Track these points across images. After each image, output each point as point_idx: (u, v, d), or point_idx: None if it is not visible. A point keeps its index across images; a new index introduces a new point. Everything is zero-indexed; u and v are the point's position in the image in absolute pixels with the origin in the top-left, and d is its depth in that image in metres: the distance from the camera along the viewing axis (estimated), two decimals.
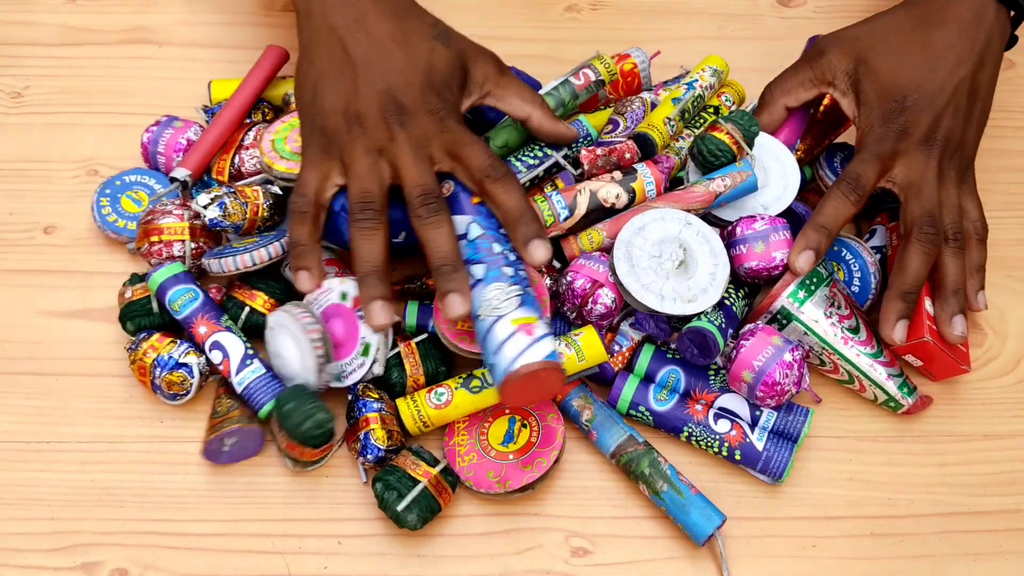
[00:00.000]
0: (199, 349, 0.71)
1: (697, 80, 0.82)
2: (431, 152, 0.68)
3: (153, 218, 0.74)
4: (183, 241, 0.74)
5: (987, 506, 0.72)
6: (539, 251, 0.67)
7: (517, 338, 0.63)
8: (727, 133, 0.74)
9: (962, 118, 0.74)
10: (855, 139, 0.76)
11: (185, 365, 0.70)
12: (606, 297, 0.70)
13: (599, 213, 0.73)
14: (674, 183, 0.78)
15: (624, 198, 0.73)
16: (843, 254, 0.77)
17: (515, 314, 0.64)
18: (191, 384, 0.70)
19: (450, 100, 0.70)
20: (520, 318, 0.64)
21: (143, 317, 0.73)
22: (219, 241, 0.77)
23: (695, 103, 0.81)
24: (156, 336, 0.71)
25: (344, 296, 0.71)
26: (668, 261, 0.71)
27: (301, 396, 0.66)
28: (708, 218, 0.76)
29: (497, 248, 0.67)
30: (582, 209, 0.73)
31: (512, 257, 0.67)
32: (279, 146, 0.74)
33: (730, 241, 0.73)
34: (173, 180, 0.78)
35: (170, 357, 0.70)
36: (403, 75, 0.68)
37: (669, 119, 0.79)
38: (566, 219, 0.73)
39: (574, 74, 0.80)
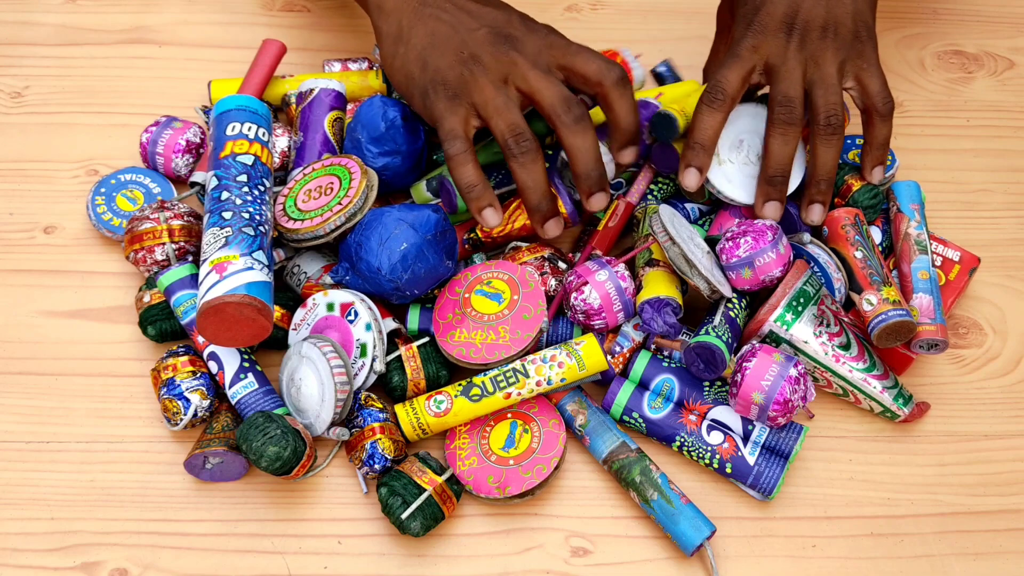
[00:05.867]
0: (209, 390, 0.70)
1: None
2: (550, 68, 0.71)
3: (133, 226, 0.74)
4: (163, 244, 0.74)
5: (987, 506, 0.72)
6: (627, 156, 0.73)
7: (209, 278, 0.66)
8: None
9: (823, 2, 0.73)
10: None
11: (186, 399, 0.69)
12: (590, 295, 0.70)
13: None
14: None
15: None
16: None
17: (216, 255, 0.67)
18: (181, 419, 0.69)
19: (543, 24, 0.74)
20: (217, 258, 0.66)
21: (163, 321, 0.73)
22: (199, 239, 0.75)
23: None
24: (186, 358, 0.71)
25: (331, 307, 0.71)
26: (752, 151, 0.76)
27: (255, 429, 0.65)
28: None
29: (225, 195, 0.69)
30: None
31: (240, 201, 0.69)
32: (288, 205, 0.74)
33: (721, 265, 0.73)
34: (193, 184, 0.78)
35: (178, 385, 0.69)
36: (498, 15, 0.73)
37: None
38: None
39: None
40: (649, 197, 0.79)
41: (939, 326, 0.72)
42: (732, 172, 0.75)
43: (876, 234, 0.78)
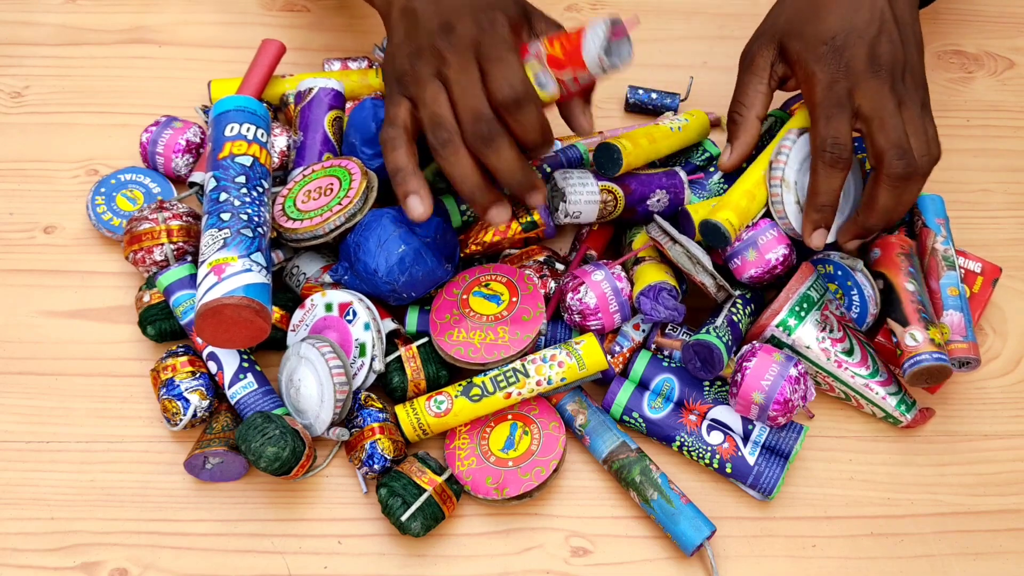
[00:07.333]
0: (208, 391, 0.70)
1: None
2: (478, 69, 0.68)
3: (132, 227, 0.74)
4: (161, 245, 0.74)
5: (987, 506, 0.72)
6: (499, 215, 0.69)
7: (207, 279, 0.66)
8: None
9: (899, 42, 0.72)
10: (805, 102, 0.73)
11: (185, 400, 0.69)
12: (586, 295, 0.70)
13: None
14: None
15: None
16: (840, 275, 0.75)
17: (214, 257, 0.67)
18: (181, 419, 0.69)
19: (503, 20, 0.68)
20: (215, 260, 0.67)
21: (163, 321, 0.73)
22: (198, 239, 0.75)
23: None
24: (185, 358, 0.71)
25: (329, 307, 0.71)
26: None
27: (253, 429, 0.65)
28: None
29: (224, 196, 0.69)
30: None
31: (239, 202, 0.69)
32: (287, 205, 0.74)
33: (725, 256, 0.73)
34: (192, 185, 0.78)
35: (177, 385, 0.69)
36: (456, 6, 0.69)
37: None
38: None
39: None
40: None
41: (971, 344, 0.71)
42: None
43: None
